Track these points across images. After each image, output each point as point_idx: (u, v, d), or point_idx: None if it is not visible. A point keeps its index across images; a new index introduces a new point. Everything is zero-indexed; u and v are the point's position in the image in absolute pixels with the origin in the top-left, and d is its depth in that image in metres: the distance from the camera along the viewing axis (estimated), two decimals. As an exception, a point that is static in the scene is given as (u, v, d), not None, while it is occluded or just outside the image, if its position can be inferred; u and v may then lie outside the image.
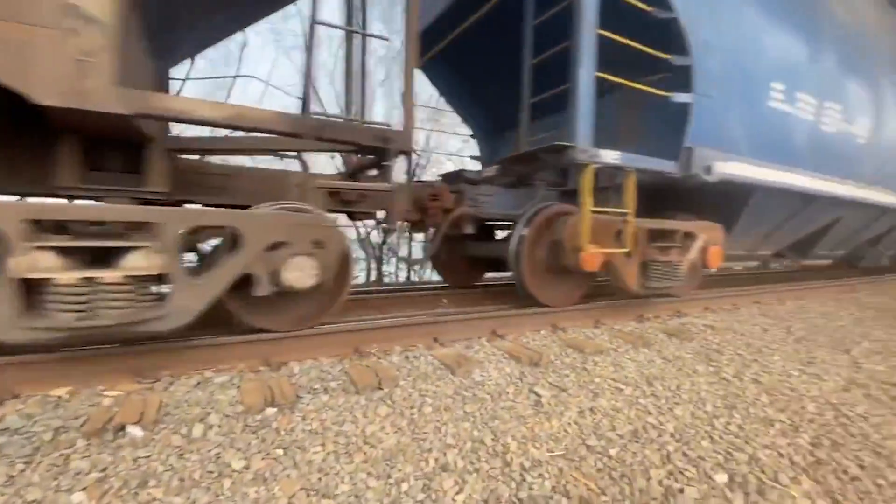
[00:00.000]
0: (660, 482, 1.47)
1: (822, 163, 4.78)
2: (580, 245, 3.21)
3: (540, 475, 1.47)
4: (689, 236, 3.89)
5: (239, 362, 2.24)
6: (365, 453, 1.53)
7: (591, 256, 3.21)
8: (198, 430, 1.59)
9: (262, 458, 1.46)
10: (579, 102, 3.37)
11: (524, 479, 1.45)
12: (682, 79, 3.70)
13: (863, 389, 2.41)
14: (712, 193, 4.18)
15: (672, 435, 1.77)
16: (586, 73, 3.37)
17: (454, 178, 4.29)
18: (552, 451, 1.62)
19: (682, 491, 1.43)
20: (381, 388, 2.01)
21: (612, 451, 1.62)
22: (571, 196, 3.77)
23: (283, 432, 1.62)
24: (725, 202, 4.45)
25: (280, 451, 1.50)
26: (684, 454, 1.63)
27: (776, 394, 2.27)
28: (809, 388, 2.37)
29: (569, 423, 1.80)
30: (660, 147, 3.82)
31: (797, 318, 4.05)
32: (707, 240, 3.99)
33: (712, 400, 2.13)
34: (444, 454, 1.55)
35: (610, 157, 3.43)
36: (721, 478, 1.50)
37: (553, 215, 3.63)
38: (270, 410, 1.75)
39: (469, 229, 3.94)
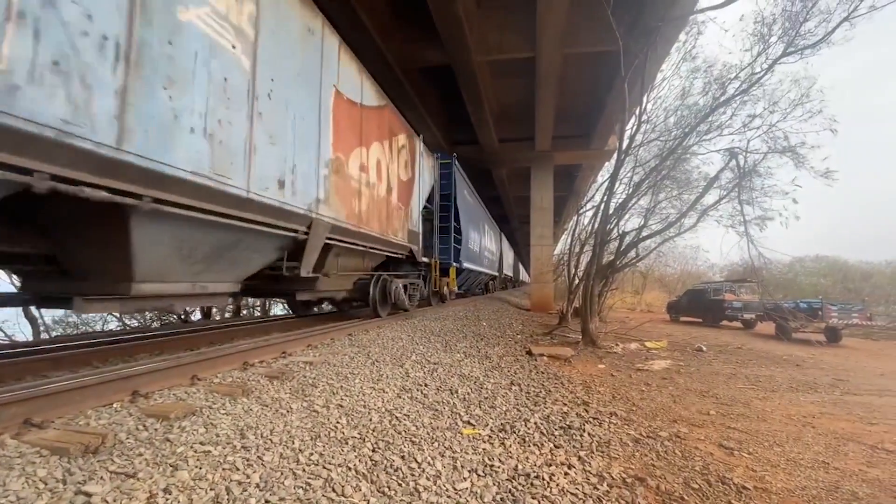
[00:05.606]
0: (236, 545, 1.39)
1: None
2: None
3: None
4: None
5: None
6: None
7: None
8: None
9: None
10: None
11: None
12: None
13: (409, 394, 3.22)
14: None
15: (257, 485, 1.73)
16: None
17: None
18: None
19: (257, 545, 1.39)
20: None
21: (184, 533, 1.41)
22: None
23: None
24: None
25: None
26: (266, 501, 1.63)
27: (353, 413, 2.69)
28: (376, 402, 2.94)
29: (128, 519, 1.45)
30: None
31: (375, 343, 5.06)
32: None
33: (300, 435, 2.27)
34: None
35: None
36: (297, 512, 1.58)
37: None
38: None
39: None
